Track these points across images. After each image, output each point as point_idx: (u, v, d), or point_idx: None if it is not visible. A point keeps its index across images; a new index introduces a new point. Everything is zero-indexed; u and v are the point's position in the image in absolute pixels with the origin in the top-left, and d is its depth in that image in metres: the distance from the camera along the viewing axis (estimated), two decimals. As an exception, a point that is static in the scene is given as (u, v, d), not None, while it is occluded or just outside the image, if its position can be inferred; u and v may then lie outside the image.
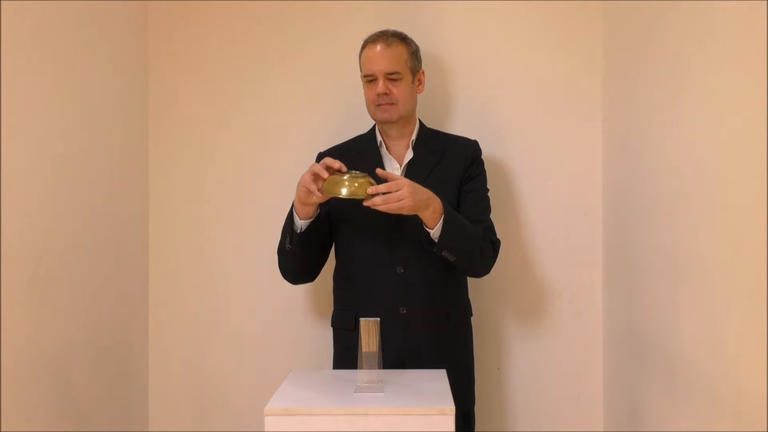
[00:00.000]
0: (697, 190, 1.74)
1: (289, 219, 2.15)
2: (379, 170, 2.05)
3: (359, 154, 2.27)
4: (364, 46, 2.26)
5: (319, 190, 2.01)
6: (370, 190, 1.96)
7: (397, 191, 1.96)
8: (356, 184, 1.97)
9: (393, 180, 2.00)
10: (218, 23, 2.60)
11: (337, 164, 2.01)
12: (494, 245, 2.21)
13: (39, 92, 1.96)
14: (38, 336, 1.94)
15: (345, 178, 1.98)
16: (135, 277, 2.54)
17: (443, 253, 2.08)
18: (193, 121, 2.61)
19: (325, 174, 2.00)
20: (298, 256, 2.18)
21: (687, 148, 1.80)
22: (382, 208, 1.97)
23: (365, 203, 1.97)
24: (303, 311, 2.58)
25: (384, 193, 1.96)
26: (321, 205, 2.12)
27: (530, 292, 2.56)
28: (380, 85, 2.19)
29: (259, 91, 2.60)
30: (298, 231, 2.12)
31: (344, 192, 1.97)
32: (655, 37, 2.03)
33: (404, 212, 1.99)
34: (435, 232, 2.06)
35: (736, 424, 1.55)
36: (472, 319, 2.33)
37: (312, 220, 2.12)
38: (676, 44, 1.88)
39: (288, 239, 2.14)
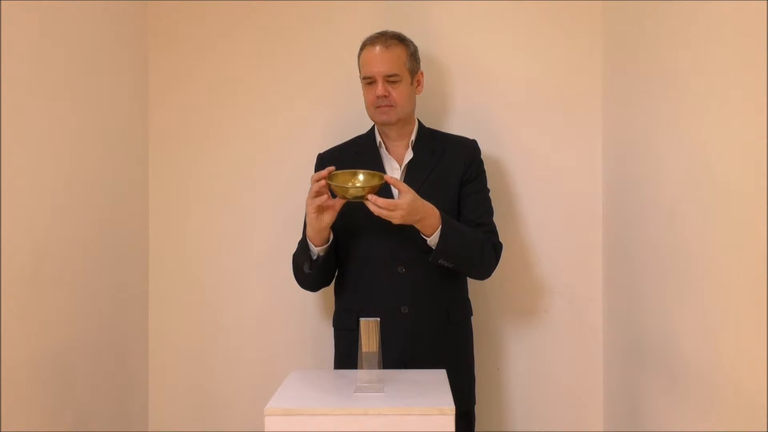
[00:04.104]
0: (697, 189, 1.74)
1: (304, 244, 2.16)
2: (387, 177, 2.06)
3: (359, 155, 2.27)
4: (362, 48, 2.26)
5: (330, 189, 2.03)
6: (371, 198, 1.98)
7: (392, 211, 1.99)
8: (360, 183, 2.03)
9: (401, 190, 2.02)
10: (218, 23, 2.60)
11: (326, 172, 2.04)
12: (495, 249, 2.22)
13: (39, 92, 1.96)
14: (38, 336, 1.94)
15: (352, 182, 2.03)
16: (135, 277, 2.54)
17: (440, 261, 2.09)
18: (193, 121, 2.61)
19: (324, 190, 2.03)
20: (317, 277, 2.21)
21: (687, 147, 1.80)
22: (371, 209, 1.99)
23: (364, 201, 2.00)
24: (303, 311, 2.58)
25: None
26: (333, 229, 2.15)
27: (530, 292, 2.56)
28: (379, 88, 2.18)
29: (259, 92, 2.60)
30: (315, 258, 2.15)
31: (351, 191, 2.01)
32: (655, 36, 2.03)
33: (392, 222, 2.02)
34: (432, 241, 2.07)
35: (736, 424, 1.55)
36: (472, 319, 2.34)
37: (327, 245, 2.14)
38: (676, 44, 1.88)
39: (307, 266, 2.16)
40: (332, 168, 2.06)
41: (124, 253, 2.44)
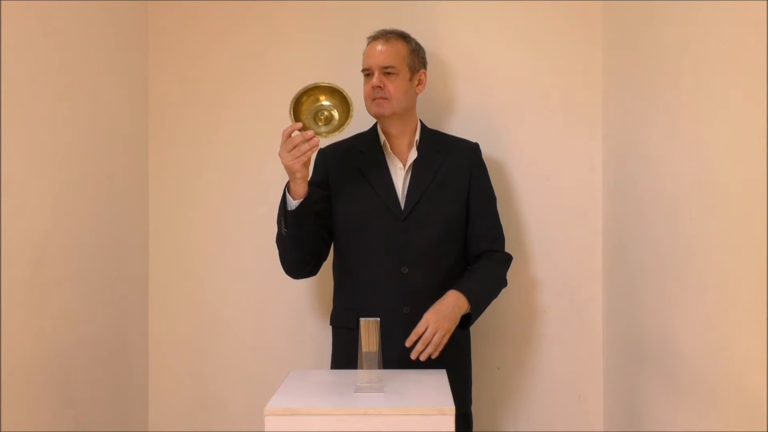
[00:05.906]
0: (697, 189, 1.74)
1: (283, 203, 2.13)
2: (408, 342, 2.05)
3: (362, 153, 2.28)
4: (367, 44, 2.28)
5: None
6: (407, 344, 2.02)
7: (425, 330, 2.02)
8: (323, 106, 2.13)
9: (418, 328, 2.04)
10: (218, 23, 2.60)
11: (299, 125, 2.07)
12: (508, 262, 2.32)
13: (39, 92, 1.96)
14: (38, 336, 1.94)
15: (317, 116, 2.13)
16: (135, 277, 2.54)
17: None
18: (193, 121, 2.61)
19: (296, 134, 2.04)
20: (296, 242, 2.15)
21: (687, 147, 1.80)
22: (430, 349, 2.02)
23: (413, 357, 2.01)
24: (303, 311, 2.58)
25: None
26: (318, 188, 2.17)
27: (530, 292, 2.56)
28: (375, 78, 2.20)
29: (260, 91, 2.60)
30: (292, 209, 2.09)
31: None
32: (655, 36, 2.03)
33: (450, 333, 2.06)
34: (466, 312, 2.15)
35: (736, 424, 1.55)
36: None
37: (303, 200, 2.09)
38: (675, 44, 1.88)
39: (283, 223, 2.12)
40: (300, 125, 2.07)
41: (124, 253, 2.44)
